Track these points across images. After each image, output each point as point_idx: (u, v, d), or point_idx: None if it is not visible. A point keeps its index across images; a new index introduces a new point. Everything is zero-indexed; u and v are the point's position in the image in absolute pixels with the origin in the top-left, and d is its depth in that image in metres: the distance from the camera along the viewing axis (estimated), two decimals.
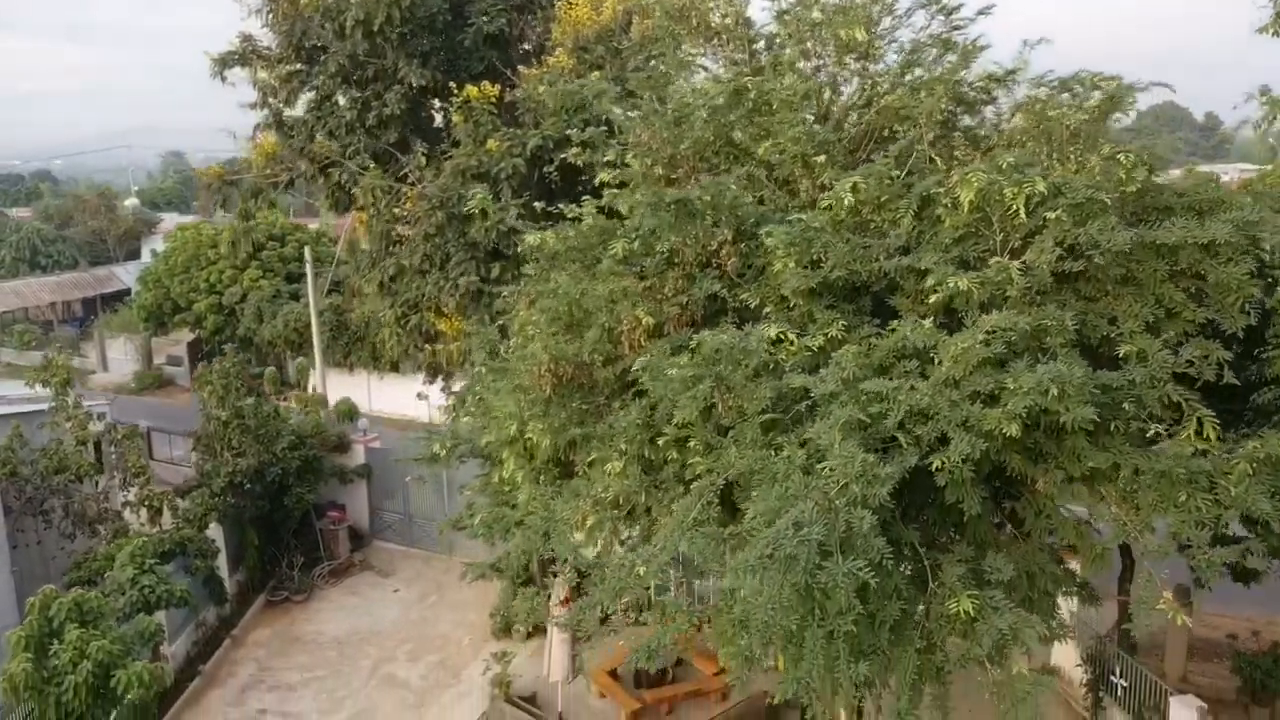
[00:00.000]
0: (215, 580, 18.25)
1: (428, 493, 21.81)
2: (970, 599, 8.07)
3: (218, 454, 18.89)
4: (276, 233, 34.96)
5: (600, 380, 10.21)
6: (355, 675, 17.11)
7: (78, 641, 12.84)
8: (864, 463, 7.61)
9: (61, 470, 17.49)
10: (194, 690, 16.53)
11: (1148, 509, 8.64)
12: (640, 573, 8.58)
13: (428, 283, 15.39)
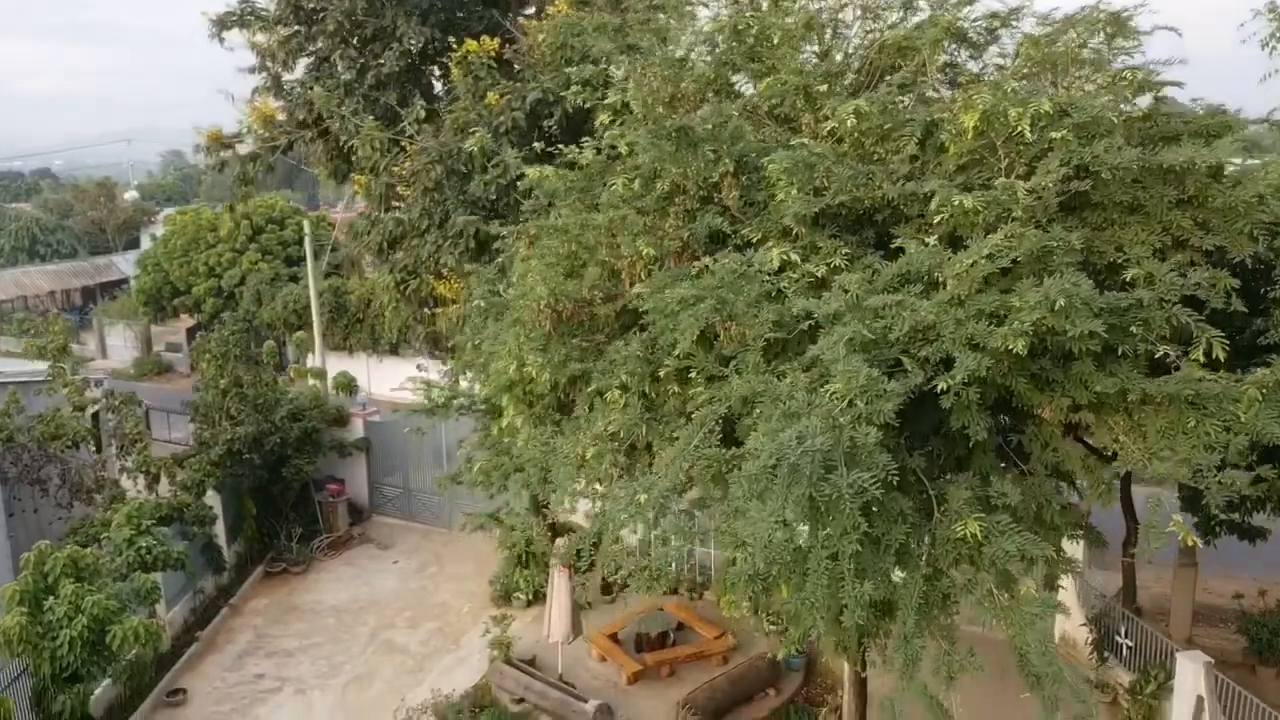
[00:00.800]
0: (213, 548, 18.13)
1: (427, 466, 21.70)
2: (977, 522, 7.96)
3: (216, 423, 18.77)
4: (276, 216, 34.91)
5: (600, 317, 10.10)
6: (354, 642, 16.98)
7: (73, 596, 12.74)
8: (868, 377, 7.50)
9: (57, 436, 17.37)
10: (191, 655, 16.40)
11: (1155, 436, 8.50)
12: (641, 500, 8.45)
13: (426, 242, 15.27)
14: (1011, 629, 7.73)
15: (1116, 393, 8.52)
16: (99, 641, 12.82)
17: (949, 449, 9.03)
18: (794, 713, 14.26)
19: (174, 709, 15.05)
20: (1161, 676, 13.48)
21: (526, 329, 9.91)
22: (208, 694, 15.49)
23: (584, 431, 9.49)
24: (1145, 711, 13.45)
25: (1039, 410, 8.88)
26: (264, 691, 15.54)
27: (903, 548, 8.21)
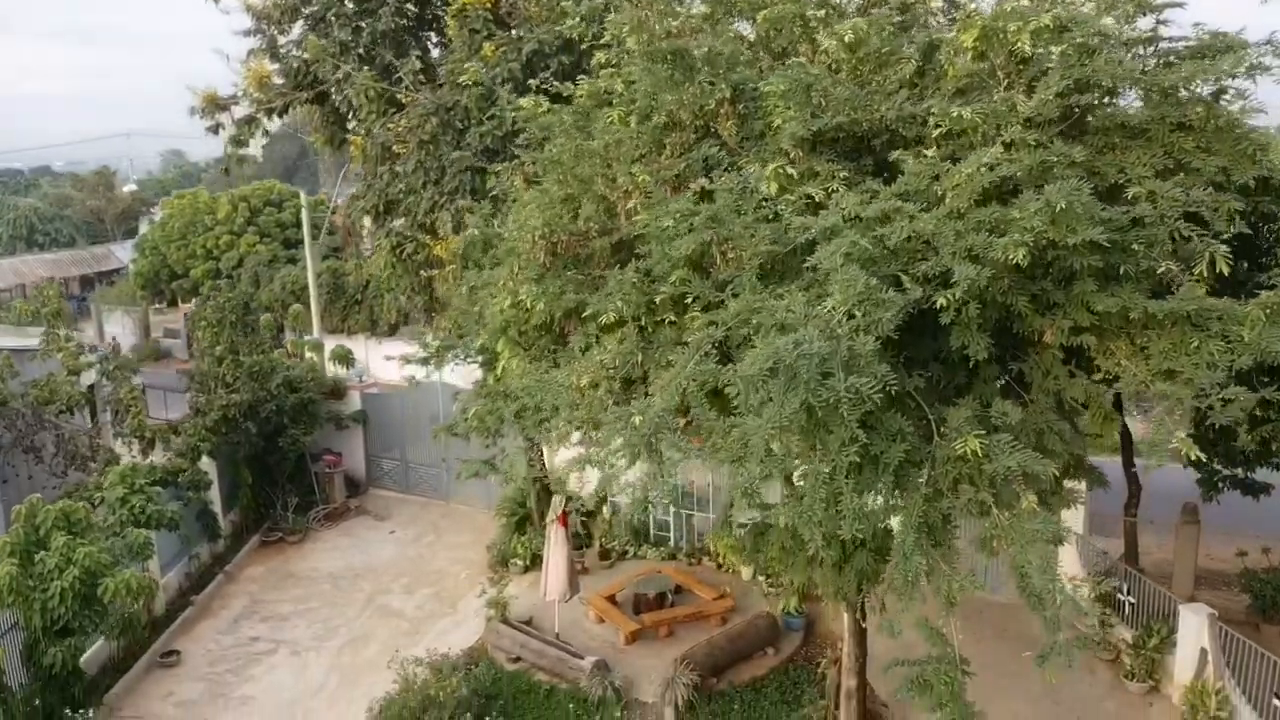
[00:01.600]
0: (208, 514, 18.01)
1: (424, 438, 21.55)
2: (977, 439, 7.83)
3: (211, 390, 18.64)
4: (274, 198, 34.84)
5: (596, 250, 9.98)
6: (349, 606, 16.86)
7: (64, 548, 12.62)
8: (866, 285, 7.38)
9: (51, 401, 17.26)
10: (185, 619, 16.27)
11: (1159, 358, 8.38)
12: (636, 423, 8.32)
13: (423, 199, 15.15)
14: (1012, 546, 7.58)
15: (1118, 314, 8.39)
16: (90, 594, 12.70)
17: (949, 375, 8.91)
18: (793, 671, 14.12)
19: (168, 670, 14.91)
20: (1164, 631, 13.35)
21: (521, 261, 9.80)
22: (202, 655, 15.35)
23: (579, 363, 9.37)
24: (1148, 666, 13.32)
25: (1040, 334, 8.77)
26: (259, 653, 15.42)
27: (901, 467, 8.09)
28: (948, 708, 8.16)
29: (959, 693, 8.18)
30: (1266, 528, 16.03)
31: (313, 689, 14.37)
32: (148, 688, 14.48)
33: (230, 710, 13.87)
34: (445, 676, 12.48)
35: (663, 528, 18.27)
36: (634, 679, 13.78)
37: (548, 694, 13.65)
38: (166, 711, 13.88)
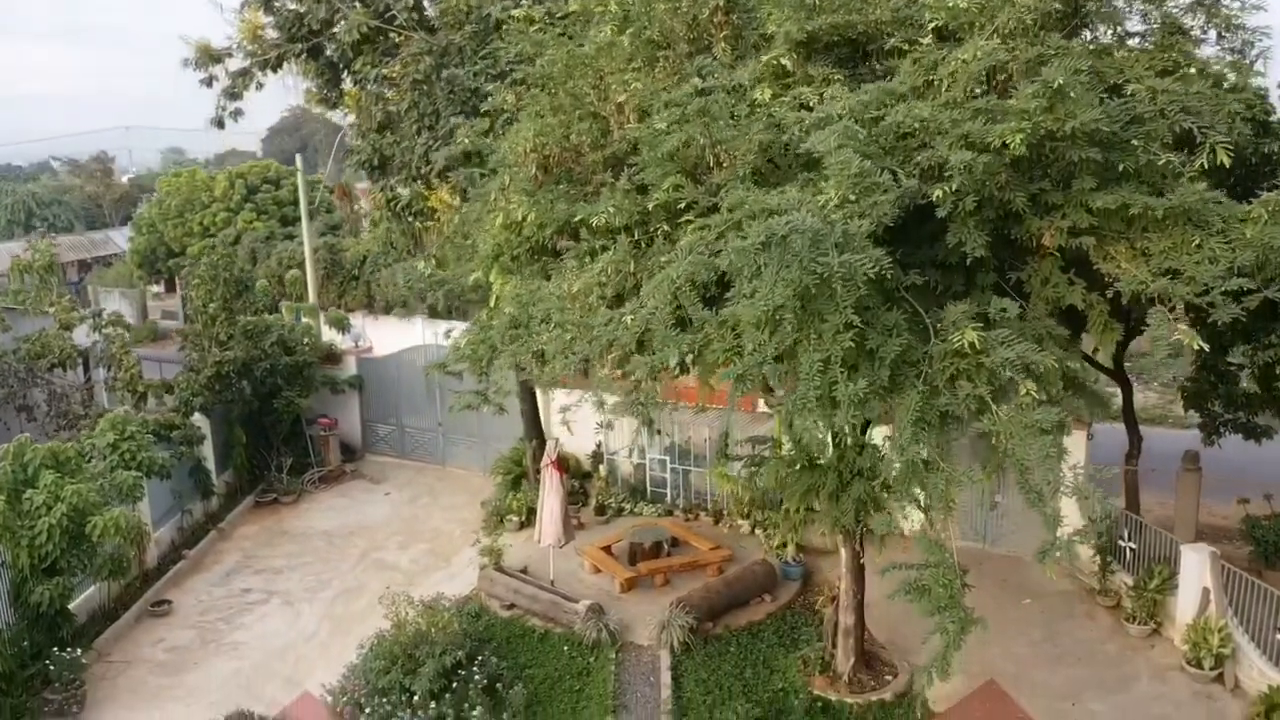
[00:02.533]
0: (201, 471, 17.86)
1: (420, 402, 21.43)
2: (975, 332, 7.71)
3: (205, 348, 18.50)
4: (271, 176, 34.69)
5: (589, 164, 9.87)
6: (344, 561, 16.71)
7: (52, 485, 12.48)
8: (861, 168, 7.26)
9: (43, 355, 17.12)
10: (178, 571, 16.11)
11: (1159, 258, 8.26)
12: (629, 322, 8.20)
13: (417, 144, 15.02)
14: (1013, 440, 7.43)
15: (1118, 213, 8.27)
16: (79, 533, 12.57)
17: (945, 281, 8.79)
18: (790, 616, 13.97)
19: (159, 619, 14.75)
20: (1166, 573, 13.19)
21: (512, 173, 9.69)
22: (193, 605, 15.20)
23: (571, 272, 9.25)
24: (1149, 608, 13.16)
25: (1038, 239, 8.64)
26: (251, 603, 15.27)
27: (897, 366, 7.97)
28: (947, 611, 8.00)
29: (958, 596, 8.03)
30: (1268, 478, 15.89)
31: (305, 636, 14.22)
32: (138, 635, 14.33)
33: (221, 655, 13.71)
34: (438, 614, 12.33)
35: (659, 484, 18.13)
36: (629, 624, 13.63)
37: (542, 637, 13.50)
38: (156, 656, 13.72)
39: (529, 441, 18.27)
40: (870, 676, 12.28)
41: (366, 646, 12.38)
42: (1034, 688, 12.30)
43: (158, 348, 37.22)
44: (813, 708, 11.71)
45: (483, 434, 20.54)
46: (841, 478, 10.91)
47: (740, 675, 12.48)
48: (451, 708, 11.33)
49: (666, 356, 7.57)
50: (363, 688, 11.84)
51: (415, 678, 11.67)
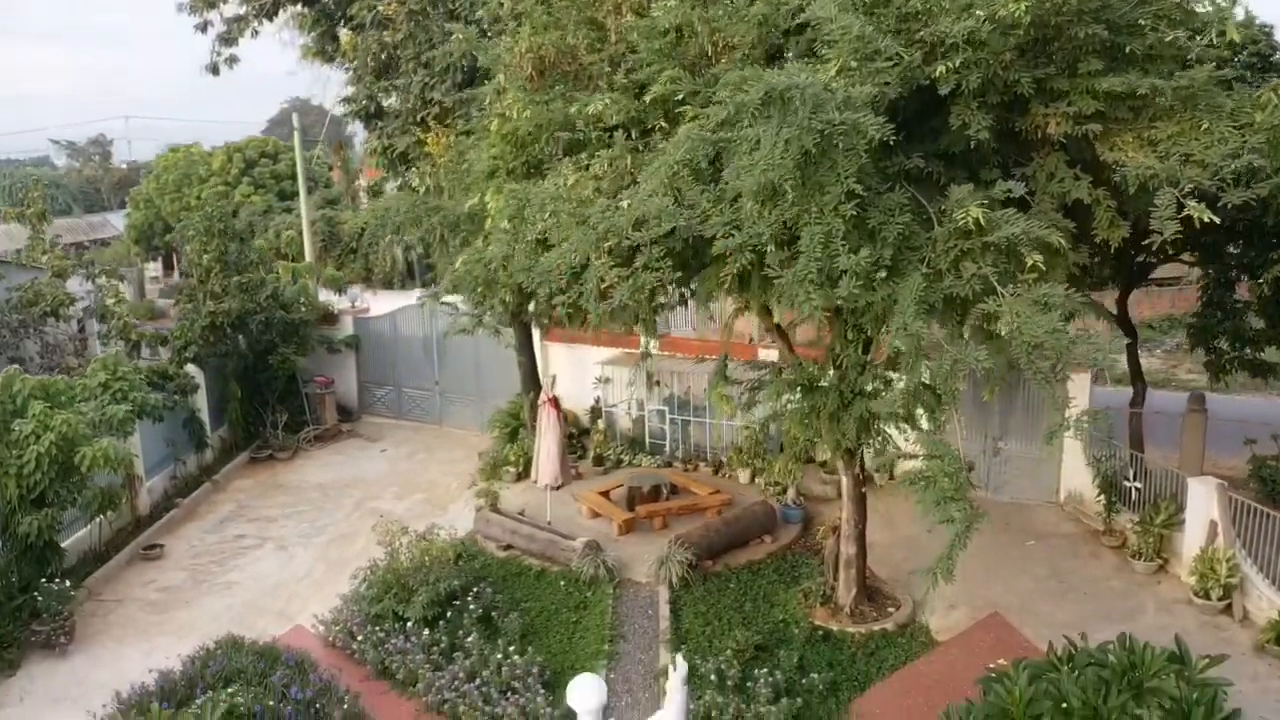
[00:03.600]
0: (195, 422, 17.69)
1: (418, 362, 21.26)
2: (980, 208, 7.53)
3: (200, 301, 18.33)
4: (269, 150, 34.57)
5: (587, 65, 9.68)
6: (339, 510, 16.53)
7: (41, 415, 12.29)
8: (862, 31, 7.08)
9: (35, 303, 16.94)
10: (170, 519, 15.94)
11: (1167, 143, 8.07)
12: (625, 206, 8.02)
13: (414, 81, 14.84)
14: (1019, 320, 7.22)
15: (1125, 99, 8.08)
16: (68, 464, 12.38)
17: (950, 174, 8.59)
18: (791, 556, 13.77)
19: (150, 562, 14.57)
20: (1172, 509, 12.99)
21: (510, 74, 9.50)
22: (186, 550, 15.02)
23: (568, 169, 9.06)
24: (1156, 543, 12.94)
25: (1043, 130, 8.44)
26: (244, 548, 15.09)
27: (899, 252, 7.79)
28: (953, 503, 7.80)
29: (964, 487, 7.83)
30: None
31: (298, 576, 14.03)
32: (129, 576, 14.14)
33: (213, 594, 13.52)
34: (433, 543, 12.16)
35: (658, 436, 17.94)
36: (627, 562, 13.42)
37: (538, 575, 13.30)
38: (148, 595, 13.53)
39: (526, 395, 18.09)
40: (872, 608, 12.08)
41: (360, 577, 12.19)
42: (1038, 619, 12.08)
43: (156, 325, 37.16)
44: (813, 636, 11.51)
45: (480, 392, 20.38)
46: (843, 397, 10.72)
47: (740, 608, 12.28)
48: (446, 634, 11.14)
49: (663, 226, 7.38)
50: (356, 617, 11.65)
51: (409, 606, 11.50)
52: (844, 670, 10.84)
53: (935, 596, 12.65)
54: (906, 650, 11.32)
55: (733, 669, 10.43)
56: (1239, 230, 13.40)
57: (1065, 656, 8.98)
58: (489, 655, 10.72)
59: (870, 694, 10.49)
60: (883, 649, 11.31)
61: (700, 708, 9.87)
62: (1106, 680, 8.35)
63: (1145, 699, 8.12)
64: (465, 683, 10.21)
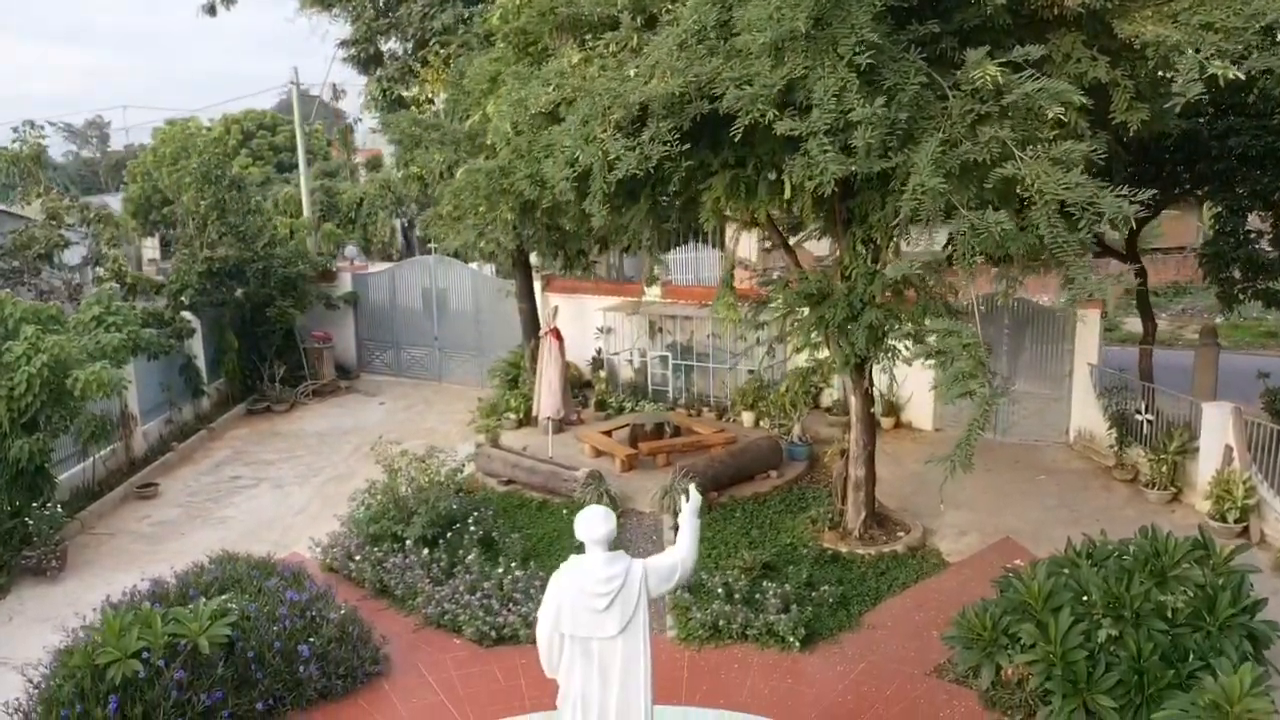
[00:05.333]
0: (192, 369, 17.45)
1: (418, 318, 21.03)
2: (997, 67, 7.30)
3: (196, 251, 18.09)
4: (267, 122, 34.34)
5: None
6: (336, 454, 16.27)
7: (33, 336, 12.04)
8: None
9: (29, 245, 16.69)
10: (165, 463, 15.67)
11: (1187, 14, 7.85)
12: (631, 74, 7.78)
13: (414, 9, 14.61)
14: (1040, 181, 6.98)
15: None
16: (60, 389, 12.12)
17: (960, 48, 8.35)
18: (797, 489, 13.52)
19: (145, 500, 14.30)
20: (1186, 436, 12.75)
21: None
22: (181, 489, 14.77)
23: (571, 50, 8.82)
24: (1169, 471, 12.71)
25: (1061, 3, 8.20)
26: (240, 487, 14.83)
27: (916, 112, 7.55)
28: (971, 378, 7.54)
29: (983, 361, 7.58)
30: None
31: (294, 510, 13.77)
32: (123, 512, 13.88)
33: (208, 528, 13.25)
34: (433, 460, 11.94)
35: (660, 383, 17.71)
36: (630, 495, 13.20)
37: (540, 506, 13.07)
38: (141, 529, 13.27)
39: (527, 343, 17.84)
40: (882, 532, 11.84)
41: (358, 500, 11.95)
42: (1052, 544, 11.72)
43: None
44: (822, 557, 11.26)
45: (481, 347, 20.15)
46: (851, 308, 10.46)
47: (746, 534, 12.03)
48: (446, 554, 10.88)
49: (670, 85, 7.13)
50: (353, 539, 11.40)
51: (408, 527, 11.25)
52: (854, 587, 10.59)
53: (945, 524, 12.45)
54: (918, 570, 11.07)
55: (740, 583, 10.17)
56: (1251, 157, 13.20)
57: (1085, 551, 8.74)
58: (490, 572, 10.46)
59: (881, 607, 10.24)
60: (893, 569, 11.06)
61: (708, 616, 9.62)
62: (1129, 570, 8.11)
63: (1170, 586, 7.88)
64: (466, 594, 9.94)
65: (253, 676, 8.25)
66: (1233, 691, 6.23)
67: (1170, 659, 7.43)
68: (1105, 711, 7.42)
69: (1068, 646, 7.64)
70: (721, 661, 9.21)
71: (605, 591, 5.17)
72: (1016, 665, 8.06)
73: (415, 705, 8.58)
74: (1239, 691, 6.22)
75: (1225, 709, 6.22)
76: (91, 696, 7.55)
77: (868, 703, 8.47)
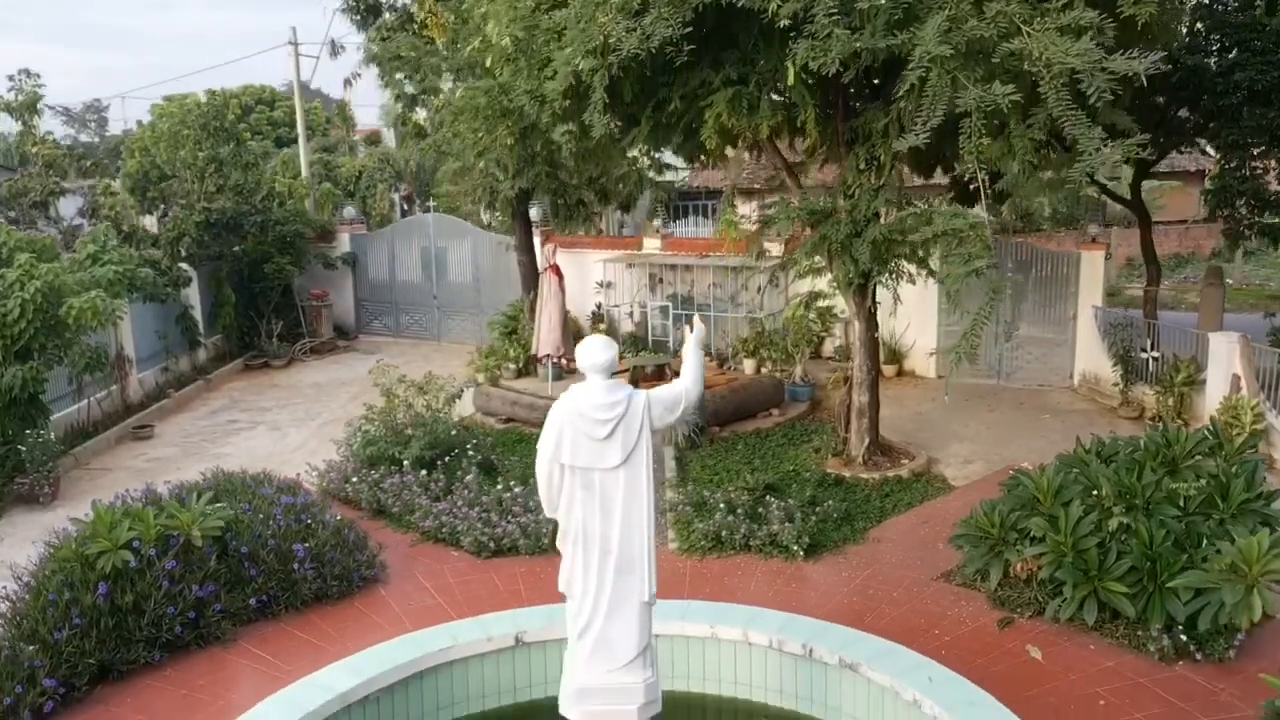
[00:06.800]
0: (189, 319, 17.31)
1: (416, 277, 20.91)
2: None
3: (193, 202, 17.96)
4: (265, 98, 34.26)
5: None
6: (333, 401, 16.14)
7: (26, 264, 11.90)
8: None
9: (24, 194, 16.56)
10: (161, 408, 15.55)
11: None
12: None
13: None
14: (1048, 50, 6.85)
15: None
16: (53, 315, 11.98)
17: None
18: (799, 426, 13.38)
19: (141, 440, 14.16)
20: (1192, 368, 12.62)
21: None
22: (177, 431, 14.63)
23: None
24: (1176, 404, 12.57)
25: None
26: (237, 429, 14.70)
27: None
28: (979, 259, 7.42)
29: (989, 244, 7.45)
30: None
31: (291, 448, 13.63)
32: (119, 451, 13.74)
33: (204, 462, 12.97)
34: (432, 382, 11.82)
35: (660, 333, 17.57)
36: None
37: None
38: (136, 465, 13.11)
39: (527, 295, 17.70)
40: (886, 459, 11.70)
41: (355, 425, 11.81)
42: None
43: None
44: (825, 480, 11.11)
45: (480, 305, 20.03)
46: (855, 224, 10.33)
47: (748, 463, 11.88)
48: (444, 475, 10.74)
49: None
50: (350, 463, 11.26)
51: (406, 449, 11.10)
52: (859, 506, 10.45)
53: (949, 454, 12.32)
54: (923, 493, 10.93)
55: (743, 498, 10.02)
56: (1258, 91, 13.09)
57: (1095, 449, 8.61)
58: (489, 489, 10.32)
59: (886, 524, 10.09)
60: (898, 491, 10.92)
61: (710, 527, 9.47)
62: (1140, 461, 7.98)
63: (1182, 475, 7.74)
64: (465, 509, 9.79)
65: (246, 574, 8.10)
66: (1250, 553, 6.09)
67: (1183, 544, 7.29)
68: (1117, 598, 7.30)
69: (1078, 535, 7.51)
70: (724, 570, 9.06)
71: (607, 419, 5.02)
72: (1026, 560, 7.93)
73: (413, 608, 8.43)
74: (1257, 552, 6.08)
75: (1244, 569, 6.08)
76: (81, 585, 7.40)
77: (874, 603, 8.32)
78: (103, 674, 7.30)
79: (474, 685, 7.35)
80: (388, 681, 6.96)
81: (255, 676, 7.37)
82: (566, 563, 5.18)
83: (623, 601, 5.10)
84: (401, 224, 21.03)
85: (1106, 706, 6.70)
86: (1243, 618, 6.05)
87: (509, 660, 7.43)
